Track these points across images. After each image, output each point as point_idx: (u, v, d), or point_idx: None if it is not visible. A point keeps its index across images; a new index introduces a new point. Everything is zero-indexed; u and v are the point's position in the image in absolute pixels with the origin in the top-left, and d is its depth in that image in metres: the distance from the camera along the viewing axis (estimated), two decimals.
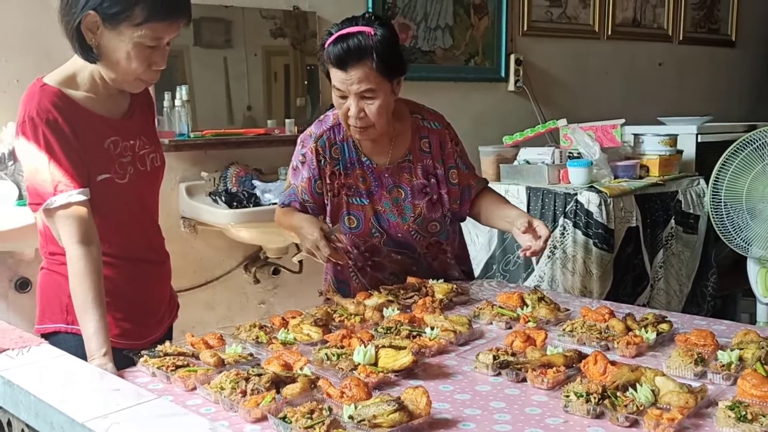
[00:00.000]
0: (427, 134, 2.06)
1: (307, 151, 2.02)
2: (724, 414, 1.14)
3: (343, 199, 2.01)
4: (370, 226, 2.01)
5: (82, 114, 1.57)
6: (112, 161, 1.61)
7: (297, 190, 2.05)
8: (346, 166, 2.01)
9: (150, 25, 1.50)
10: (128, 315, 1.66)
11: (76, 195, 1.51)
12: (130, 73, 1.55)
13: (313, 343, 1.55)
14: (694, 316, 1.85)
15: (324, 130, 2.02)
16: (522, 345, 1.51)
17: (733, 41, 5.23)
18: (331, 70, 1.85)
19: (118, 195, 1.63)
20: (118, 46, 1.52)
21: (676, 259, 3.24)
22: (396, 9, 3.48)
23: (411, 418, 1.15)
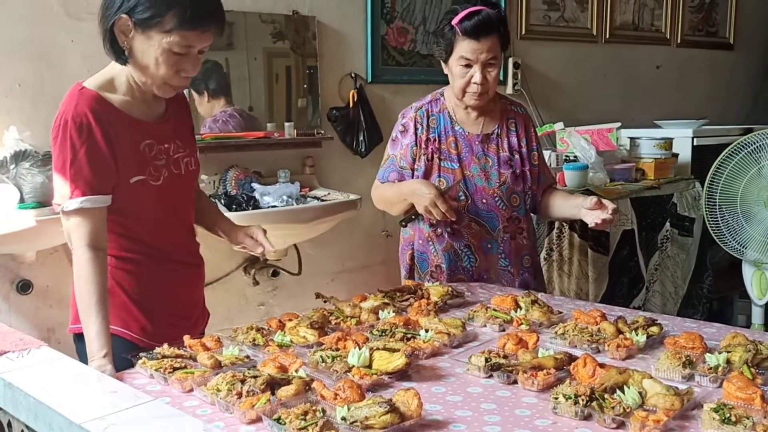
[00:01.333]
0: (513, 116, 2.30)
1: (407, 120, 2.27)
2: (709, 416, 1.17)
3: (435, 162, 2.22)
4: (458, 189, 2.20)
5: (118, 117, 1.62)
6: (147, 163, 1.66)
7: (396, 159, 2.27)
8: (440, 134, 2.24)
9: (180, 32, 1.54)
10: (155, 315, 1.70)
11: (91, 201, 1.55)
12: (157, 78, 1.59)
13: (309, 346, 1.57)
14: (685, 319, 1.87)
15: (423, 104, 2.29)
16: (514, 347, 1.53)
17: (731, 44, 5.25)
18: (460, 43, 2.09)
19: (152, 196, 1.67)
20: (148, 51, 1.56)
21: (671, 261, 3.27)
22: (395, 13, 3.51)
23: (402, 419, 1.17)
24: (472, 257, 2.24)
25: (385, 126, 3.50)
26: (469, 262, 2.24)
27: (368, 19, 3.41)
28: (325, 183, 3.30)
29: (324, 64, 3.30)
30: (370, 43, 3.43)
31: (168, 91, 1.66)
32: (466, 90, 2.14)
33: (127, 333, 1.66)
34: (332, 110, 3.34)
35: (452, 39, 2.10)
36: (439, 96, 2.29)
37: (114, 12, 1.56)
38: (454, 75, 2.15)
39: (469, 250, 2.23)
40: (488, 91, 2.15)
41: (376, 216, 3.63)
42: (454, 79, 2.16)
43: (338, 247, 3.48)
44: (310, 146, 3.29)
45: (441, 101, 2.28)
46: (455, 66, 2.12)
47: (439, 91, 2.32)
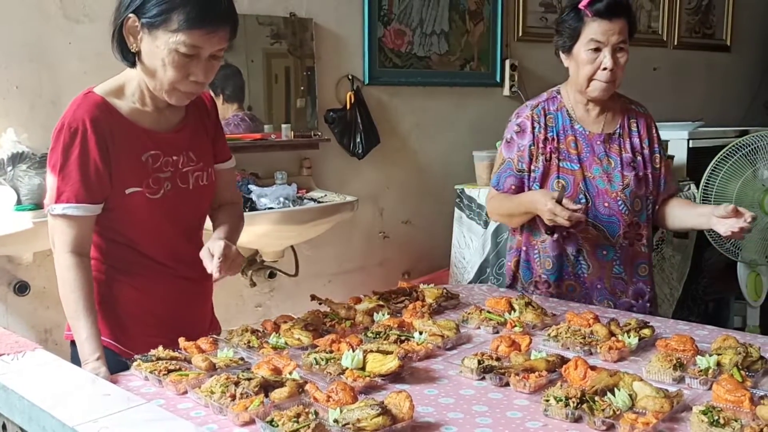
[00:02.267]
0: (635, 116, 2.20)
1: (523, 119, 2.17)
2: (698, 419, 1.18)
3: (554, 163, 2.12)
4: (579, 191, 2.09)
5: (122, 125, 1.58)
6: (147, 175, 1.60)
7: (513, 162, 2.16)
8: (559, 133, 2.13)
9: (186, 31, 1.48)
10: (148, 331, 1.65)
11: (74, 208, 1.52)
12: (165, 82, 1.53)
13: (303, 348, 1.58)
14: (677, 321, 1.89)
15: (539, 102, 2.19)
16: (507, 350, 1.54)
17: (728, 46, 5.26)
18: (589, 25, 2.01)
19: (148, 209, 1.61)
20: (155, 53, 1.51)
21: (667, 263, 3.28)
22: (392, 15, 3.52)
23: (394, 421, 1.18)
24: (584, 263, 2.13)
25: (382, 128, 3.51)
26: (580, 269, 2.13)
27: (365, 21, 3.42)
28: (322, 185, 3.32)
29: (321, 66, 3.31)
30: (367, 45, 3.44)
31: (180, 98, 1.59)
32: (592, 78, 2.04)
33: (116, 346, 1.62)
34: (329, 112, 3.36)
35: (579, 24, 2.01)
36: (555, 94, 2.19)
37: (122, 12, 1.52)
38: (580, 62, 2.04)
39: (581, 256, 2.12)
40: (616, 79, 2.05)
41: (373, 217, 3.64)
42: (579, 67, 2.05)
43: (335, 249, 3.49)
44: (307, 148, 3.30)
45: (558, 99, 2.17)
46: (582, 52, 2.02)
47: (554, 89, 2.22)
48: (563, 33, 2.08)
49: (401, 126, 3.67)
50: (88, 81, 2.73)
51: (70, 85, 2.72)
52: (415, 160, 3.76)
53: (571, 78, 2.14)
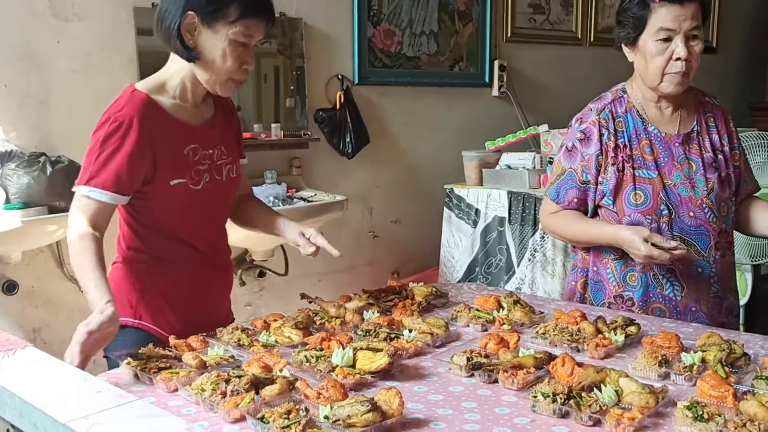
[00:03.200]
0: (710, 109, 1.98)
1: (588, 125, 1.93)
2: (682, 414, 1.19)
3: (627, 173, 1.89)
4: (659, 202, 1.87)
5: (165, 120, 1.67)
6: (189, 167, 1.69)
7: (576, 173, 1.94)
8: (631, 138, 1.91)
9: (243, 21, 1.61)
10: (185, 315, 1.74)
11: (98, 193, 1.59)
12: (223, 72, 1.65)
13: (293, 346, 1.59)
14: (663, 319, 1.91)
15: (605, 104, 1.95)
16: (495, 347, 1.56)
17: (714, 47, 5.32)
18: (657, 12, 1.80)
19: (191, 200, 1.71)
20: (215, 44, 1.62)
21: None
22: (381, 15, 3.54)
23: (384, 418, 1.19)
24: (677, 285, 1.89)
25: (372, 127, 3.53)
26: (672, 291, 1.90)
27: (355, 21, 3.44)
28: (311, 184, 3.33)
29: (311, 66, 3.32)
30: (356, 45, 3.46)
31: (230, 88, 1.71)
32: (665, 72, 1.82)
33: (159, 331, 1.71)
34: (319, 111, 3.37)
35: (644, 11, 1.80)
36: (621, 93, 1.95)
37: (180, 11, 1.61)
38: (648, 55, 1.82)
39: (672, 276, 1.89)
40: (691, 71, 1.83)
41: (362, 217, 3.66)
42: (648, 60, 1.83)
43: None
44: (296, 147, 3.31)
45: (625, 99, 1.93)
46: (650, 42, 1.81)
47: (618, 88, 1.98)
48: (626, 23, 1.85)
49: (391, 126, 3.69)
50: (78, 80, 2.75)
51: (59, 84, 2.72)
52: (404, 159, 3.78)
53: (637, 74, 1.91)
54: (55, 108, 2.72)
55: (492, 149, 3.49)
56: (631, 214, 1.88)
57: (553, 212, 2.00)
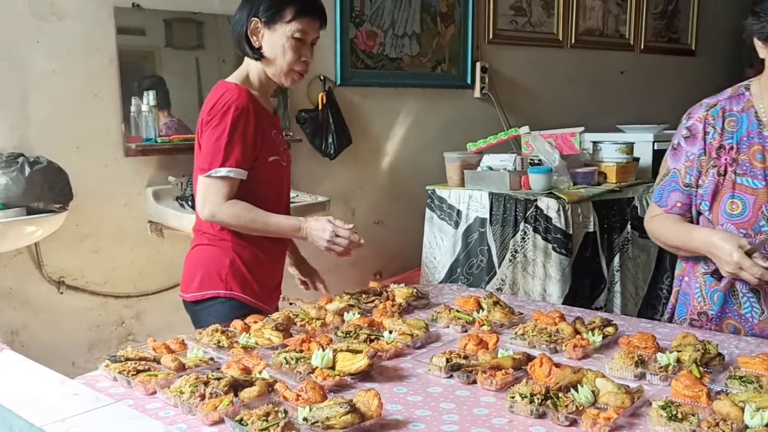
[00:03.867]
0: None
1: (695, 122, 1.77)
2: (657, 413, 1.21)
3: (728, 177, 1.71)
4: (759, 216, 1.67)
5: (259, 108, 1.97)
6: (277, 147, 2.03)
7: (679, 174, 1.79)
8: (741, 140, 1.71)
9: (297, 20, 1.92)
10: (262, 283, 2.02)
11: (235, 172, 1.90)
12: (285, 65, 1.95)
13: (273, 347, 1.59)
14: (640, 319, 1.93)
15: (719, 100, 1.78)
16: (474, 348, 1.57)
17: (693, 51, 5.38)
18: None
19: (280, 175, 2.06)
20: (275, 42, 1.93)
21: (632, 263, 3.34)
22: (363, 16, 3.54)
23: (363, 419, 1.20)
24: (757, 307, 1.73)
25: (354, 128, 3.53)
26: (750, 311, 1.74)
27: (337, 23, 3.44)
28: (293, 185, 3.29)
29: None
30: (339, 47, 3.46)
31: (293, 79, 1.99)
32: None
33: (247, 298, 1.98)
34: (301, 112, 3.36)
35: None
36: (743, 90, 1.76)
37: (246, 18, 1.94)
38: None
39: (755, 297, 1.72)
40: None
41: (345, 218, 3.65)
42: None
43: (306, 250, 3.44)
44: None
45: (745, 97, 1.74)
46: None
47: (743, 84, 1.78)
48: (762, 16, 1.62)
49: (373, 127, 3.69)
50: (57, 80, 2.73)
51: (38, 84, 2.70)
52: (386, 160, 3.79)
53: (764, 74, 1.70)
54: (34, 108, 2.70)
55: (474, 151, 3.50)
56: (725, 224, 1.71)
57: (654, 215, 1.86)
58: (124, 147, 2.90)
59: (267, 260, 2.05)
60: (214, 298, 1.95)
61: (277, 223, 1.95)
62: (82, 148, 2.83)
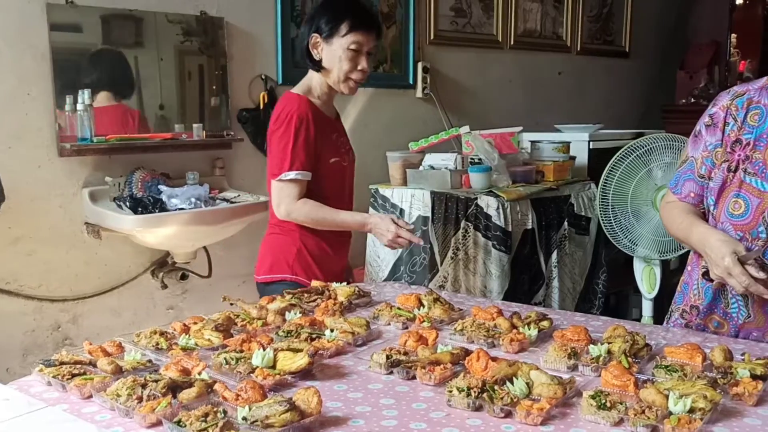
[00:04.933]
0: None
1: (718, 110, 1.68)
2: (587, 402, 1.26)
3: (738, 175, 1.61)
4: (760, 221, 1.59)
5: (319, 115, 2.23)
6: (338, 149, 2.28)
7: (696, 163, 1.71)
8: (761, 137, 1.61)
9: (353, 33, 2.16)
10: (326, 271, 2.24)
11: (302, 174, 2.17)
12: (342, 73, 2.19)
13: (213, 348, 1.58)
14: (575, 313, 1.99)
15: (748, 89, 1.67)
16: (414, 344, 1.59)
17: (627, 53, 5.55)
18: None
19: (341, 174, 2.30)
20: (333, 54, 2.18)
21: (569, 258, 3.44)
22: (305, 16, 3.53)
23: (302, 417, 1.21)
24: (743, 309, 1.70)
25: None
26: (737, 313, 1.72)
27: (278, 22, 3.42)
28: (235, 185, 3.29)
29: (234, 66, 3.29)
30: (280, 46, 3.44)
31: (351, 87, 2.23)
32: None
33: (308, 282, 2.14)
34: (242, 111, 3.34)
35: None
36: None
37: (308, 33, 2.20)
38: None
39: (743, 301, 1.69)
40: None
41: None
42: None
43: (250, 249, 3.45)
44: (219, 148, 3.27)
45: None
46: None
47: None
48: None
49: None
50: None
51: None
52: None
53: None
54: None
55: (416, 150, 3.54)
56: (725, 223, 1.65)
57: (668, 201, 1.80)
58: (58, 147, 2.83)
59: (330, 250, 2.30)
60: (282, 281, 2.24)
61: (344, 220, 2.22)
62: (14, 148, 2.74)
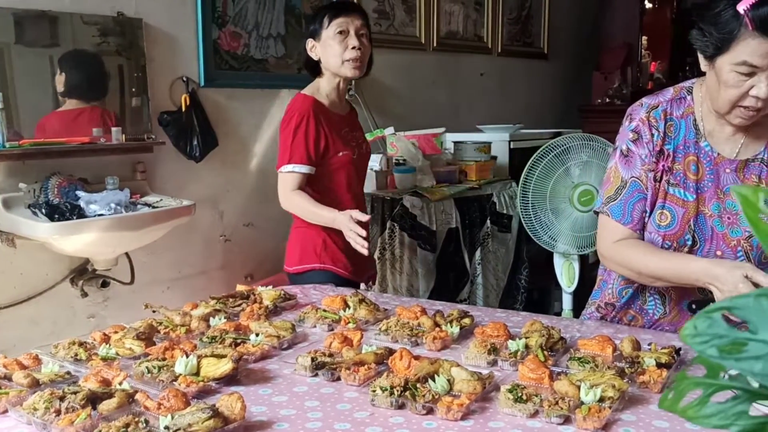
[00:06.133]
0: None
1: (638, 123, 1.67)
2: (505, 396, 1.31)
3: (662, 185, 1.65)
4: (686, 230, 1.63)
5: (326, 112, 2.40)
6: (347, 142, 2.43)
7: (640, 183, 1.66)
8: (678, 149, 1.65)
9: (334, 21, 2.36)
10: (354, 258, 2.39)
11: (298, 167, 2.34)
12: (336, 57, 2.35)
13: (135, 357, 1.56)
14: (496, 309, 2.06)
15: (660, 102, 1.68)
16: (339, 346, 1.61)
17: (546, 54, 5.73)
18: (746, 41, 1.45)
19: (350, 166, 2.44)
20: (324, 46, 2.38)
21: (492, 256, 3.53)
22: (227, 17, 3.50)
23: (226, 423, 1.21)
24: (660, 308, 1.76)
25: (221, 130, 3.48)
26: (653, 309, 1.78)
27: (199, 23, 3.37)
28: (157, 189, 3.23)
29: (153, 68, 3.22)
30: (201, 47, 3.39)
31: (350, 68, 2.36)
32: (737, 104, 1.53)
33: (339, 270, 2.41)
34: (163, 114, 3.27)
35: (734, 31, 1.46)
36: (685, 94, 1.68)
37: (304, 43, 2.44)
38: (722, 82, 1.52)
39: (660, 299, 1.75)
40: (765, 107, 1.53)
41: (213, 221, 3.60)
42: (721, 87, 1.53)
43: (174, 254, 3.41)
44: (140, 151, 3.20)
45: (686, 102, 1.67)
46: (728, 71, 1.50)
47: (685, 86, 1.71)
48: (709, 33, 1.51)
49: (241, 128, 3.66)
50: None
51: None
52: (255, 162, 3.76)
53: (707, 89, 1.61)
54: None
55: None
56: (653, 234, 1.67)
57: (619, 239, 1.69)
58: None
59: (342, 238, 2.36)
60: (312, 271, 2.40)
61: (321, 215, 2.32)
62: None
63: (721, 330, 0.37)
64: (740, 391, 0.40)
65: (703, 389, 0.42)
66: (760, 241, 0.40)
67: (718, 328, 0.37)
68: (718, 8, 1.48)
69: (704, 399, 0.41)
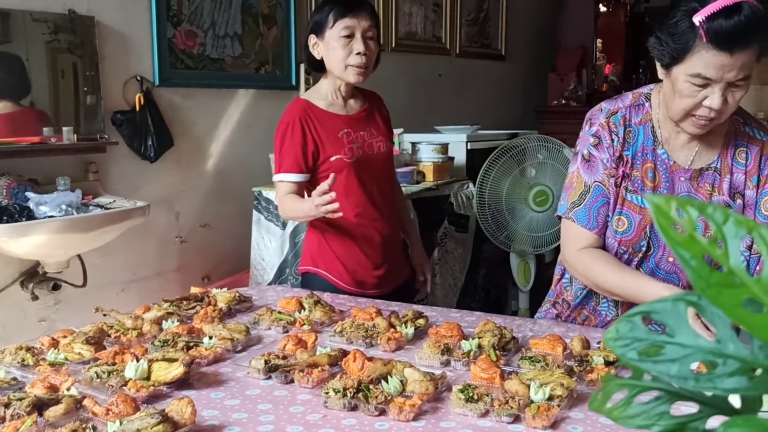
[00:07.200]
0: (745, 143, 1.67)
1: (598, 128, 1.68)
2: (456, 396, 1.32)
3: (621, 193, 1.67)
4: (642, 236, 1.66)
5: (320, 115, 2.26)
6: (343, 146, 2.27)
7: (604, 187, 1.67)
8: (636, 155, 1.67)
9: (339, 20, 2.17)
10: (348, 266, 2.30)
11: (288, 176, 2.24)
12: (340, 61, 2.18)
13: (85, 362, 1.53)
14: (451, 309, 2.08)
15: (620, 107, 1.69)
16: (293, 348, 1.61)
17: (503, 56, 5.80)
18: (700, 53, 1.46)
19: (347, 170, 2.27)
20: (327, 47, 2.20)
21: (450, 256, 3.56)
22: (182, 16, 3.45)
23: (176, 428, 1.20)
24: (612, 309, 1.81)
25: (176, 130, 3.44)
26: (606, 311, 1.83)
27: (153, 22, 3.32)
28: (111, 190, 3.17)
29: (106, 67, 3.16)
30: (156, 46, 3.34)
31: (352, 73, 2.20)
32: (691, 113, 1.55)
33: (331, 277, 2.30)
34: (117, 114, 3.22)
35: (690, 42, 1.47)
36: (643, 100, 1.70)
37: (306, 39, 2.27)
38: (677, 91, 1.53)
39: (614, 302, 1.79)
40: (723, 116, 1.55)
41: (169, 222, 3.55)
42: (676, 96, 1.55)
43: (128, 256, 3.36)
44: (92, 152, 3.14)
45: (644, 108, 1.69)
46: (683, 81, 1.51)
47: (643, 92, 1.72)
48: (665, 42, 1.52)
49: (196, 128, 3.62)
50: None
51: None
52: (211, 162, 3.72)
53: (663, 96, 1.64)
54: None
55: None
56: (609, 239, 1.70)
57: (583, 247, 1.71)
58: None
59: (354, 242, 2.31)
60: (308, 274, 2.35)
61: (300, 208, 2.20)
62: None
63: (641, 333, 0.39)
64: (662, 392, 0.41)
65: (629, 390, 0.43)
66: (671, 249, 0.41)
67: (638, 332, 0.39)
68: (675, 18, 1.49)
69: (629, 400, 0.43)
